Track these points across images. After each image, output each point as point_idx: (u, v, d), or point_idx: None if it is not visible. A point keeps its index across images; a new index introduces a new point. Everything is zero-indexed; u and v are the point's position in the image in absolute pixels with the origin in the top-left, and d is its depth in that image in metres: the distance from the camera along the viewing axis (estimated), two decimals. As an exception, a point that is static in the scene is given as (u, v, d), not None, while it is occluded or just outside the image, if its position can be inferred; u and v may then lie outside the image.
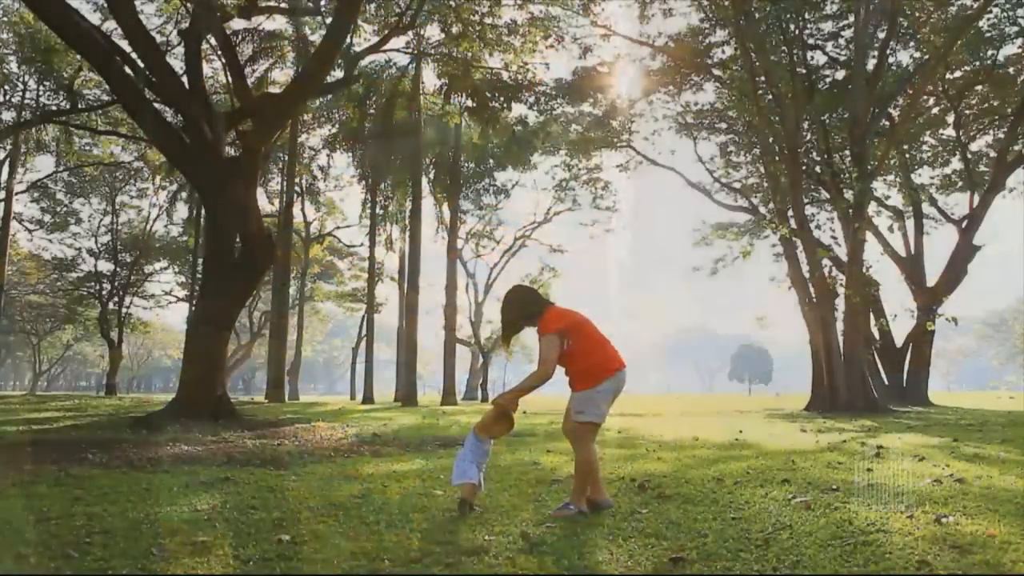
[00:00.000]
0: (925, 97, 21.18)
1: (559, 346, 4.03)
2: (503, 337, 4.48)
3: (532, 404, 25.11)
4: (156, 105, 14.60)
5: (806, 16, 19.31)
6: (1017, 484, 4.83)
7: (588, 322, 4.20)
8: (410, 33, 23.50)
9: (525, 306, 4.24)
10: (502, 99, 23.17)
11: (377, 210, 29.68)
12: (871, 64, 17.65)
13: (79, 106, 25.17)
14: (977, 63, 20.79)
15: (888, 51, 16.48)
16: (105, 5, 20.03)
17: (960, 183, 23.26)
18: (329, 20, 14.55)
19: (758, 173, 23.45)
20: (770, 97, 17.85)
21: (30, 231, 38.36)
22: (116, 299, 38.50)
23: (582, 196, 35.55)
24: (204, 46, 16.67)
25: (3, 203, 29.43)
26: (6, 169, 29.13)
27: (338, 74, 19.36)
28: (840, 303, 17.34)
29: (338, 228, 42.99)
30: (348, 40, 19.73)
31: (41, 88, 27.67)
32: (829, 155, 18.14)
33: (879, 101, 17.14)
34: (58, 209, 37.96)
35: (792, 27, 17.98)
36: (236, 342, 45.15)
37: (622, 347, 4.46)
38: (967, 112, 22.22)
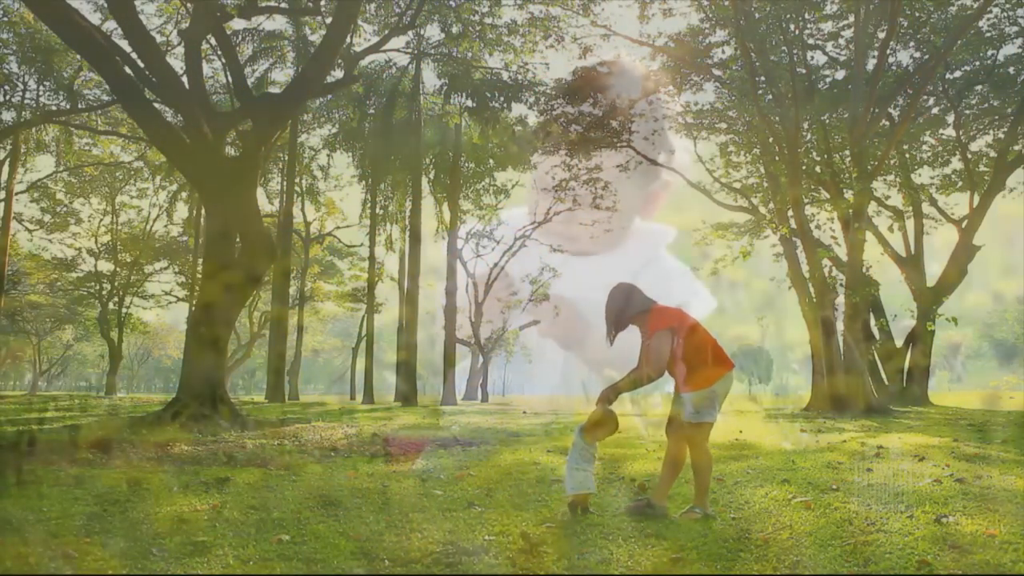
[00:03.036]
0: (925, 97, 21.17)
1: (671, 344, 3.98)
2: (608, 338, 4.29)
3: (532, 404, 25.09)
4: (156, 105, 14.60)
5: (806, 16, 19.30)
6: (1017, 484, 4.83)
7: (698, 322, 4.12)
8: (410, 33, 23.52)
9: (632, 304, 4.14)
10: (502, 99, 23.19)
11: (377, 210, 29.68)
12: (871, 64, 17.64)
13: (79, 106, 25.17)
14: (977, 63, 20.79)
15: (888, 51, 16.47)
16: (105, 5, 20.06)
17: (960, 183, 23.24)
18: (329, 20, 14.54)
19: (758, 173, 23.44)
20: (770, 97, 17.84)
21: (30, 231, 38.39)
22: (116, 299, 38.52)
23: (582, 196, 35.54)
24: (204, 46, 16.69)
25: (3, 203, 29.41)
26: (6, 169, 29.10)
27: (338, 74, 19.37)
28: (840, 303, 17.33)
29: (338, 228, 42.99)
30: (348, 40, 19.77)
31: (41, 88, 27.65)
32: (829, 155, 18.13)
33: (879, 101, 17.14)
34: (58, 209, 37.98)
35: (792, 27, 17.98)
36: (236, 342, 45.18)
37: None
38: (967, 112, 22.22)
